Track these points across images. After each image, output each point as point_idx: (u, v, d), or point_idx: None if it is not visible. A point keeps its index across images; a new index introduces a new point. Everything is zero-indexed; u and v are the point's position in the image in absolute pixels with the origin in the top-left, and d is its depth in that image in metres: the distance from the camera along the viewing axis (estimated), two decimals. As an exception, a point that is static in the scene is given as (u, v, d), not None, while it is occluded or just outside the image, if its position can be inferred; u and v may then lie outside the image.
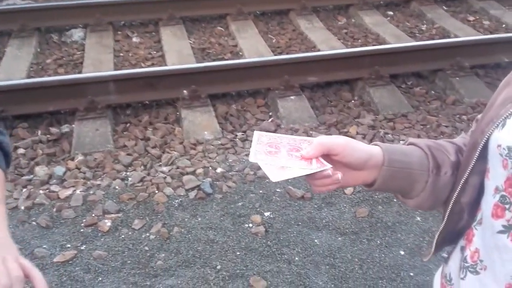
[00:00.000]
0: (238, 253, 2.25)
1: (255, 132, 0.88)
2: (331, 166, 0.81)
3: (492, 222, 0.74)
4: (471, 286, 0.81)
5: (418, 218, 2.45)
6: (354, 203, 2.54)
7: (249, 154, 0.84)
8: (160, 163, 2.82)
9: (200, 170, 2.72)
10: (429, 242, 2.31)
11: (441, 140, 0.93)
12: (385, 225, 2.41)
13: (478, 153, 0.77)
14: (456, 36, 4.35)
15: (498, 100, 0.78)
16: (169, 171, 2.73)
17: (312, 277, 2.13)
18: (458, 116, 3.29)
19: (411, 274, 2.16)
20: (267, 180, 2.61)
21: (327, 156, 0.83)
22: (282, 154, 0.83)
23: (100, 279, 2.12)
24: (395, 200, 2.54)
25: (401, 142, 2.92)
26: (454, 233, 0.88)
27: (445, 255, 0.98)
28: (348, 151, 0.82)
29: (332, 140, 0.83)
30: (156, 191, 2.58)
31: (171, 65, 3.75)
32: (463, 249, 0.85)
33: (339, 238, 2.33)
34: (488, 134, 0.75)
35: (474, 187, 0.81)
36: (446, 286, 0.91)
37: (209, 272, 2.15)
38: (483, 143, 0.76)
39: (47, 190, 2.60)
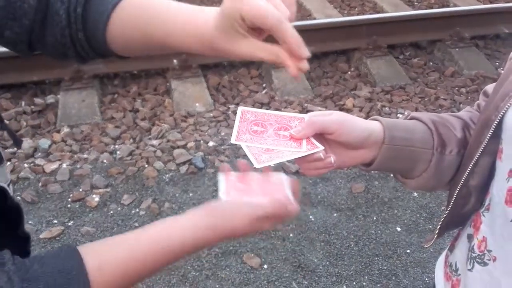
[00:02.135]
0: (231, 229, 2.19)
1: (239, 108, 0.78)
2: (323, 148, 0.71)
3: (506, 209, 0.67)
4: (480, 278, 0.74)
5: (415, 194, 2.40)
6: (350, 179, 2.47)
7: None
8: (150, 136, 2.72)
9: (191, 144, 2.63)
10: (426, 222, 2.26)
11: (445, 114, 0.83)
12: (381, 201, 2.36)
13: (491, 131, 0.69)
14: (455, 5, 4.22)
15: None
16: (159, 144, 2.64)
17: (307, 254, 2.08)
18: (457, 88, 3.21)
19: (408, 251, 2.12)
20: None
21: (320, 135, 0.73)
22: (268, 134, 0.74)
23: (88, 256, 2.06)
24: (392, 175, 2.48)
25: (399, 115, 2.84)
26: (459, 218, 0.81)
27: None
28: (344, 129, 0.72)
29: (326, 118, 0.73)
30: (146, 165, 2.49)
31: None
32: (470, 237, 0.78)
33: (335, 214, 2.28)
34: (503, 110, 0.66)
35: (485, 169, 0.73)
36: (452, 276, 0.84)
37: (201, 249, 2.10)
38: (497, 120, 0.67)
39: (32, 164, 2.50)
